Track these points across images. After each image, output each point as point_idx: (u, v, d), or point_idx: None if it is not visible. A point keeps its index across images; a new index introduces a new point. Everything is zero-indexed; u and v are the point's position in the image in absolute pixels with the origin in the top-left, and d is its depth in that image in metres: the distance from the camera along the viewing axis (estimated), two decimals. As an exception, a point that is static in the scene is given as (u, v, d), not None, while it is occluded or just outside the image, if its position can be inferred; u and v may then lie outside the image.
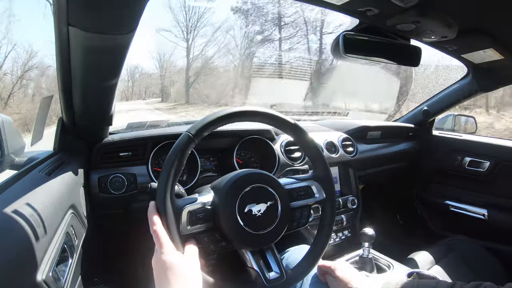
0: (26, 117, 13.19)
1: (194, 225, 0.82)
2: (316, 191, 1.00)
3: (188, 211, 0.82)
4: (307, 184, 1.00)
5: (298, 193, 0.98)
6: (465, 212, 2.07)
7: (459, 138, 2.19)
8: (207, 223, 0.84)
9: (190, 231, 0.81)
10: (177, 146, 0.83)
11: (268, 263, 0.90)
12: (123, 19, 0.70)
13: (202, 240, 0.85)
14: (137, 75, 29.28)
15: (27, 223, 0.69)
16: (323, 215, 1.00)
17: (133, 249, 1.45)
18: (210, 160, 1.57)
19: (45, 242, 0.75)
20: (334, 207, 1.01)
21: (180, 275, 0.71)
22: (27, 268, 0.64)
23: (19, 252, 0.63)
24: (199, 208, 0.84)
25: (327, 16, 16.05)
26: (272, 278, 0.87)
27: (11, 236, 0.64)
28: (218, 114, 0.88)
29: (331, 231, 0.99)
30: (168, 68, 26.45)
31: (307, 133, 1.00)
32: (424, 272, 1.17)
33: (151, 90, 29.71)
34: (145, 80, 29.38)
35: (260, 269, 0.87)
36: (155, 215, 0.79)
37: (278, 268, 0.89)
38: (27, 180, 0.91)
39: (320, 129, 2.02)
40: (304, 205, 0.99)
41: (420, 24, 1.07)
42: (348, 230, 1.82)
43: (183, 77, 24.19)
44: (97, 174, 1.29)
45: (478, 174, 2.05)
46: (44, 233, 0.74)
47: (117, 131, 1.48)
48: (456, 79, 2.02)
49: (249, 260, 0.88)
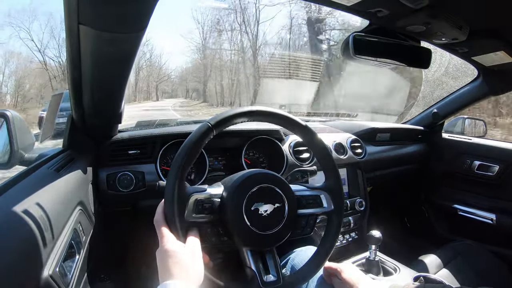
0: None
1: (199, 213, 0.83)
2: (325, 202, 0.99)
3: (195, 199, 0.83)
4: (316, 194, 0.99)
5: (307, 201, 0.97)
6: (473, 216, 2.05)
7: (469, 142, 2.17)
8: (212, 214, 0.85)
9: (194, 219, 0.82)
10: (195, 134, 0.83)
11: (267, 265, 0.89)
12: (134, 18, 0.70)
13: (205, 231, 0.86)
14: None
15: (36, 218, 0.70)
16: (329, 225, 0.99)
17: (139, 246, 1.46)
18: (219, 160, 1.58)
19: (53, 238, 0.75)
20: (341, 219, 0.99)
21: (180, 264, 0.71)
22: (34, 263, 0.65)
23: (26, 247, 0.64)
24: (207, 198, 0.85)
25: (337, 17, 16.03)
26: (268, 281, 0.86)
27: (19, 231, 0.64)
28: (239, 110, 0.88)
29: (335, 242, 0.97)
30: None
31: (323, 142, 1.00)
32: (431, 276, 1.15)
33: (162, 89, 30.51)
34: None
35: (257, 270, 0.86)
36: (159, 205, 0.81)
37: (276, 272, 0.88)
38: (36, 176, 0.91)
39: (329, 130, 2.02)
40: (311, 213, 0.98)
41: (431, 25, 1.06)
42: (355, 232, 1.82)
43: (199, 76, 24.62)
44: (105, 172, 1.30)
45: (487, 178, 2.03)
46: (52, 229, 0.75)
47: (126, 129, 1.50)
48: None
49: (248, 259, 0.87)
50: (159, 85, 30.22)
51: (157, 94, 30.25)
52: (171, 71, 31.35)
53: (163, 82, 30.54)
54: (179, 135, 1.40)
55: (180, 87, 31.28)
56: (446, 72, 2.24)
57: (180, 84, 31.18)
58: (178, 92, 31.53)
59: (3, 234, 0.61)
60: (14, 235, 0.62)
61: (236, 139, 1.54)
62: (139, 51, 0.86)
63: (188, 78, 29.23)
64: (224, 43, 22.94)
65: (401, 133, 2.25)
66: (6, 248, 0.59)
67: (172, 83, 31.68)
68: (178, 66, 40.18)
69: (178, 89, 31.65)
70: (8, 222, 0.64)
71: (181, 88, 31.21)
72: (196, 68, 27.42)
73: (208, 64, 24.50)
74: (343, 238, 1.77)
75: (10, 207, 0.69)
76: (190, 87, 29.96)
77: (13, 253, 0.59)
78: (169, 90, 31.52)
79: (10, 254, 0.59)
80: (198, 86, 27.75)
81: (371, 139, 2.05)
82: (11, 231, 0.62)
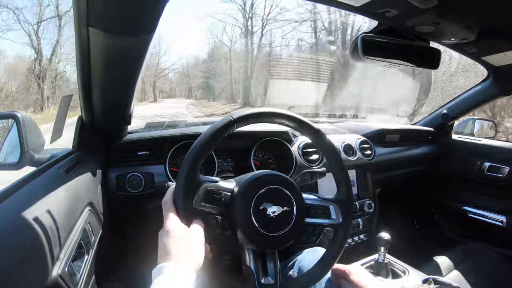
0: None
1: (208, 203, 0.83)
2: (334, 213, 0.99)
3: (206, 188, 0.83)
4: (326, 205, 0.99)
5: (316, 210, 0.97)
6: (483, 219, 2.03)
7: (479, 143, 2.15)
8: (220, 207, 0.85)
9: (202, 207, 0.82)
10: (216, 125, 0.84)
11: (266, 267, 0.88)
12: (143, 20, 0.71)
13: (210, 222, 0.86)
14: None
15: (45, 219, 0.70)
16: (335, 236, 0.98)
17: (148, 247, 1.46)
18: (228, 161, 1.58)
19: (62, 238, 0.76)
20: (347, 231, 0.99)
21: (180, 245, 0.71)
22: (44, 263, 0.66)
23: (36, 246, 0.64)
24: (218, 190, 0.85)
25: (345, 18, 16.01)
26: (265, 283, 0.86)
27: (29, 231, 0.65)
28: (262, 109, 0.89)
29: (340, 254, 0.96)
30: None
31: (341, 156, 1.00)
32: (440, 278, 1.15)
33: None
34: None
35: (256, 270, 0.86)
36: (170, 188, 0.82)
37: (274, 276, 0.88)
38: (46, 177, 0.92)
39: (338, 132, 2.01)
40: (319, 224, 0.98)
41: (440, 25, 1.06)
42: (364, 234, 1.81)
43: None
44: (115, 173, 1.31)
45: (497, 179, 2.01)
46: (62, 229, 0.76)
47: (136, 130, 1.51)
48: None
49: (248, 258, 0.87)
50: (157, 81, 26.63)
51: (154, 93, 26.59)
52: (171, 64, 28.58)
53: (161, 78, 27.06)
54: (189, 137, 1.41)
55: (180, 86, 28.01)
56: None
57: (181, 82, 27.81)
58: (177, 91, 28.29)
59: (13, 233, 0.62)
60: (24, 235, 0.63)
61: (245, 140, 1.54)
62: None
63: (191, 75, 26.47)
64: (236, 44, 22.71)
65: (411, 135, 2.23)
66: (16, 247, 0.59)
67: (170, 80, 28.39)
68: (181, 58, 34.96)
69: (177, 88, 28.24)
70: (18, 222, 0.65)
71: (182, 86, 27.98)
72: (204, 64, 25.42)
73: (218, 61, 23.71)
74: (351, 240, 1.76)
75: (20, 207, 0.70)
76: (194, 85, 26.72)
77: (23, 253, 0.60)
78: (167, 89, 27.93)
79: (20, 253, 0.59)
80: (203, 85, 25.50)
81: (380, 140, 2.04)
82: (20, 231, 0.63)
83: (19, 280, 0.58)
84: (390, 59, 1.18)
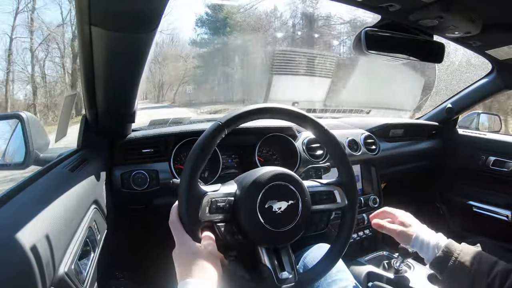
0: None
1: (213, 213, 0.83)
2: (339, 197, 0.99)
3: (209, 199, 0.83)
4: (330, 189, 0.99)
5: (321, 196, 0.97)
6: (488, 213, 2.03)
7: (484, 137, 2.14)
8: (226, 213, 0.85)
9: (208, 218, 0.82)
10: (206, 134, 0.83)
11: (282, 262, 0.89)
12: (146, 17, 0.71)
13: (219, 230, 0.86)
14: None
15: (51, 217, 0.71)
16: (342, 221, 0.99)
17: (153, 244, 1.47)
18: (232, 157, 1.58)
19: (68, 236, 0.77)
20: (355, 214, 0.99)
21: (197, 264, 0.72)
22: (50, 261, 0.66)
23: (42, 245, 0.65)
24: (221, 197, 0.85)
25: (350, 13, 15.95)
26: (283, 278, 0.86)
27: (35, 230, 0.65)
28: (249, 108, 0.88)
29: (350, 238, 0.97)
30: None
31: (336, 139, 0.99)
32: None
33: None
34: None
35: (272, 267, 0.86)
36: (173, 206, 0.82)
37: (291, 269, 0.88)
38: (51, 176, 0.93)
39: (342, 127, 2.00)
40: (325, 209, 0.98)
41: (443, 19, 1.05)
42: (369, 229, 1.80)
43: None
44: (119, 170, 1.32)
45: (502, 174, 2.00)
46: (68, 227, 0.76)
47: (140, 128, 1.51)
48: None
49: (263, 257, 0.87)
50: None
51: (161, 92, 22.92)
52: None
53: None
54: (193, 133, 1.41)
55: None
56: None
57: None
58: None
59: (19, 232, 0.62)
60: (30, 233, 0.63)
61: (249, 136, 1.54)
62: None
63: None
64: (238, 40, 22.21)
65: (415, 129, 2.22)
66: (22, 246, 0.60)
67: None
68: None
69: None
70: (24, 220, 0.65)
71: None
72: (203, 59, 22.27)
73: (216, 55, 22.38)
74: (356, 235, 1.76)
75: (26, 206, 0.70)
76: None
77: (29, 251, 0.60)
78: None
79: (26, 251, 0.60)
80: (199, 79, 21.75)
81: (385, 135, 2.03)
82: (26, 230, 0.63)
83: (25, 278, 0.58)
84: (394, 53, 1.18)
